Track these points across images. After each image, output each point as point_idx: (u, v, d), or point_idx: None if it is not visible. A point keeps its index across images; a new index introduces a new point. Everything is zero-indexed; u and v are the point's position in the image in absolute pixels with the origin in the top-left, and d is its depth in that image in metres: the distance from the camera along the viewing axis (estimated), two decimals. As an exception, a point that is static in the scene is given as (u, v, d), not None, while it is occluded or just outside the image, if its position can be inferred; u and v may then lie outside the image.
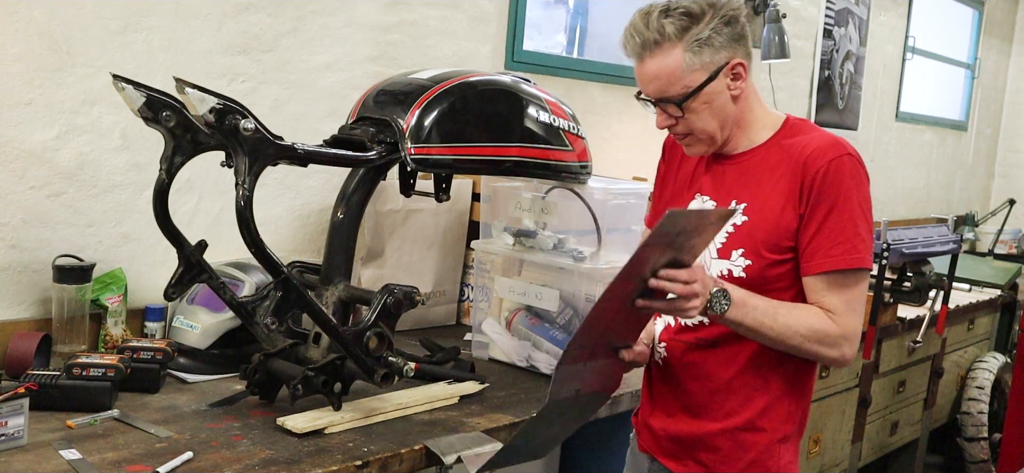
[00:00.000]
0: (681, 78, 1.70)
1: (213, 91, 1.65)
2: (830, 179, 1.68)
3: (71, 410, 1.82)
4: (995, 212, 5.92)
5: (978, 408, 4.36)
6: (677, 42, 1.68)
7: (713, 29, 1.68)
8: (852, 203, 1.69)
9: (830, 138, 1.75)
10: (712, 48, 1.69)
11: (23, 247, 2.09)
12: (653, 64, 1.71)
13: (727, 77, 1.72)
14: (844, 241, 1.69)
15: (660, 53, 1.69)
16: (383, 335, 1.89)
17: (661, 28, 1.68)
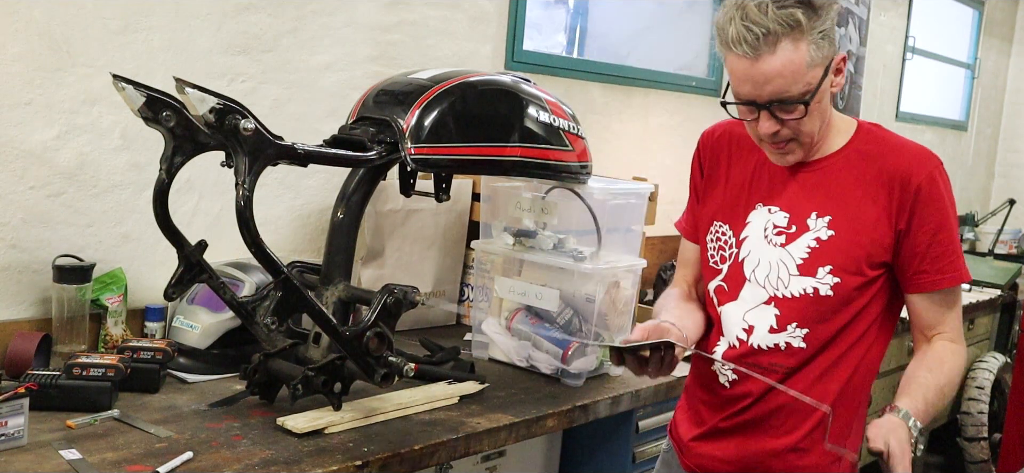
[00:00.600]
0: (804, 75, 1.53)
1: (213, 91, 1.65)
2: (933, 195, 1.61)
3: (71, 410, 1.82)
4: (995, 212, 5.92)
5: (978, 408, 4.36)
6: (804, 35, 1.51)
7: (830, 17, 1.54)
8: (952, 218, 1.64)
9: (919, 148, 1.66)
10: (829, 40, 1.54)
11: (23, 247, 2.09)
12: (775, 61, 1.52)
13: (833, 74, 1.58)
14: (954, 258, 1.65)
15: (784, 47, 1.51)
16: (383, 335, 1.89)
17: (789, 18, 1.49)
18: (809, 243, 1.66)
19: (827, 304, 1.65)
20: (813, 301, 1.65)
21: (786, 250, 1.68)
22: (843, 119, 1.71)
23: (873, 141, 1.68)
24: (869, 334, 1.72)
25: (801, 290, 1.66)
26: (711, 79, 3.99)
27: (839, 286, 1.64)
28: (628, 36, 3.72)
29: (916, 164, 1.62)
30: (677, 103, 3.82)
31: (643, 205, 2.60)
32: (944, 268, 1.64)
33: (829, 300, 1.65)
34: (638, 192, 2.58)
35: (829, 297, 1.65)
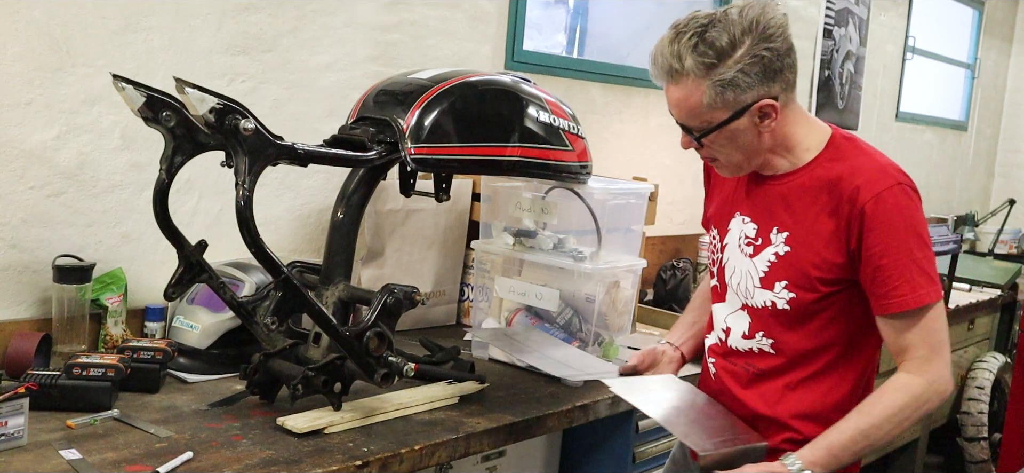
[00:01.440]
0: (702, 113, 1.61)
1: (213, 91, 1.65)
2: (880, 216, 1.59)
3: (71, 410, 1.82)
4: (995, 212, 5.92)
5: (978, 408, 4.37)
6: (700, 79, 1.58)
7: (741, 69, 1.57)
8: (906, 236, 1.59)
9: (877, 165, 1.65)
10: (737, 89, 1.58)
11: (23, 247, 2.09)
12: (675, 92, 1.63)
13: (755, 116, 1.62)
14: (907, 280, 1.59)
15: (682, 84, 1.60)
16: (383, 335, 1.89)
17: (682, 60, 1.58)
18: (770, 257, 1.71)
19: (786, 317, 1.70)
20: (774, 313, 1.71)
21: (752, 262, 1.74)
22: (814, 132, 1.72)
23: (837, 157, 1.68)
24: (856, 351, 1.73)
25: (763, 302, 1.72)
26: (711, 79, 3.98)
27: (795, 301, 1.68)
28: (628, 36, 3.72)
29: (867, 184, 1.61)
30: (677, 103, 3.81)
31: (643, 205, 2.61)
32: (891, 292, 1.60)
33: (787, 313, 1.70)
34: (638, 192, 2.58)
35: (787, 311, 1.69)
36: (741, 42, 1.57)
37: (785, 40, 1.62)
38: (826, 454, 1.62)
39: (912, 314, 1.61)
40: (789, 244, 1.69)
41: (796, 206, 1.69)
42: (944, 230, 3.68)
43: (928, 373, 1.62)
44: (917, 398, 1.62)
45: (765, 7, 1.60)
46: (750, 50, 1.57)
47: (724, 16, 1.59)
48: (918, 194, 1.66)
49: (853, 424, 1.64)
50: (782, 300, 1.70)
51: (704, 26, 1.58)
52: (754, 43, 1.57)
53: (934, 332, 1.62)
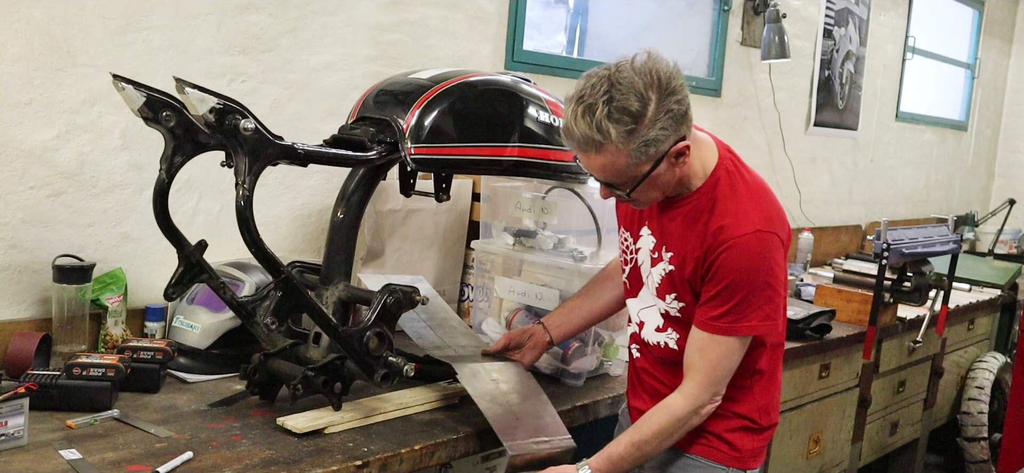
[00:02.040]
0: (627, 172, 1.70)
1: (213, 91, 1.65)
2: (731, 259, 1.73)
3: (71, 410, 1.82)
4: (995, 212, 5.92)
5: (978, 408, 4.36)
6: (623, 145, 1.65)
7: (660, 127, 1.66)
8: (747, 280, 1.74)
9: (739, 211, 1.76)
10: (657, 143, 1.67)
11: (23, 247, 2.09)
12: (598, 159, 1.69)
13: (671, 159, 1.71)
14: (732, 312, 1.76)
15: (605, 152, 1.67)
16: (383, 335, 1.89)
17: (606, 131, 1.64)
18: (662, 271, 1.87)
19: (680, 322, 1.87)
20: (671, 317, 1.89)
21: (652, 271, 1.90)
22: (705, 158, 1.81)
23: (714, 192, 1.79)
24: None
25: (663, 308, 1.89)
26: (711, 79, 3.99)
27: (685, 309, 1.85)
28: (628, 36, 3.71)
29: (728, 229, 1.75)
30: (677, 103, 3.81)
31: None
32: (706, 311, 1.78)
33: (680, 319, 1.87)
34: (638, 192, 2.57)
35: (679, 318, 1.87)
36: (649, 100, 1.65)
37: (682, 84, 1.70)
38: (606, 462, 1.84)
39: (709, 338, 1.79)
40: (672, 263, 1.85)
41: (680, 230, 1.83)
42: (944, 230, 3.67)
43: (695, 400, 1.83)
44: (680, 420, 1.84)
45: (654, 58, 1.68)
46: (660, 107, 1.66)
47: (620, 77, 1.64)
48: (779, 236, 1.78)
49: (628, 439, 1.85)
50: (673, 309, 1.87)
51: (609, 94, 1.64)
52: (661, 99, 1.66)
53: (715, 364, 1.81)
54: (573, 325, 2.17)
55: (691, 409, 1.83)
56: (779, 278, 1.79)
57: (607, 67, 1.67)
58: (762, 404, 1.93)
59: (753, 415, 1.92)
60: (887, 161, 5.35)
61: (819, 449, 3.33)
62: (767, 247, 1.76)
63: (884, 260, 3.26)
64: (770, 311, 1.79)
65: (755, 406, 1.92)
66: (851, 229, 5.06)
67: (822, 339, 3.14)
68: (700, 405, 1.83)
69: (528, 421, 1.95)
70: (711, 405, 1.85)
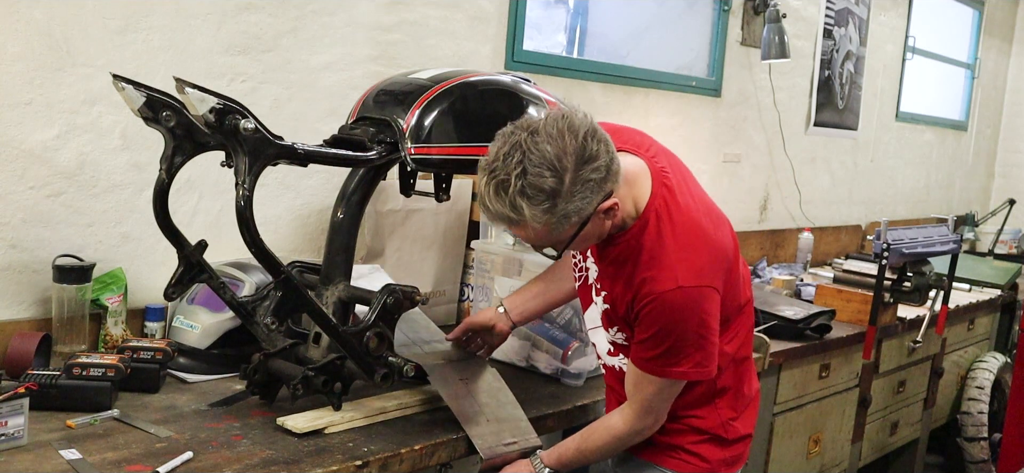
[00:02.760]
0: (552, 237, 1.66)
1: (213, 91, 1.65)
2: (655, 313, 1.72)
3: (71, 410, 1.82)
4: (995, 212, 5.92)
5: (978, 408, 4.36)
6: (540, 223, 1.59)
7: (578, 195, 1.59)
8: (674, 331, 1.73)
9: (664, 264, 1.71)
10: (580, 210, 1.61)
11: (23, 247, 2.09)
12: (520, 232, 1.66)
13: (600, 214, 1.66)
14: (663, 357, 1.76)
15: (525, 227, 1.62)
16: (383, 335, 1.89)
17: (520, 209, 1.57)
18: (601, 306, 1.89)
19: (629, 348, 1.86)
20: (619, 345, 1.91)
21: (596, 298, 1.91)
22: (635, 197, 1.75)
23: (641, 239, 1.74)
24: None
25: (610, 337, 1.92)
26: (711, 79, 3.99)
27: (628, 337, 1.85)
28: (628, 36, 3.72)
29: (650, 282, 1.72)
30: (677, 103, 3.82)
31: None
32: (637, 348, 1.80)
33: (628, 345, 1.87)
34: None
35: (626, 345, 1.88)
36: (565, 171, 1.57)
37: (602, 145, 1.61)
38: (557, 460, 1.93)
39: (642, 374, 1.81)
40: (607, 301, 1.86)
41: (611, 272, 1.82)
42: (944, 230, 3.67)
43: (634, 425, 1.87)
44: (620, 439, 1.90)
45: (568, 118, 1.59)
46: (576, 177, 1.58)
47: (534, 145, 1.56)
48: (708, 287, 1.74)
49: (575, 445, 1.92)
50: (619, 339, 1.89)
51: (522, 166, 1.55)
52: (577, 167, 1.58)
53: (650, 398, 1.84)
54: (533, 310, 2.17)
55: (631, 431, 1.88)
56: (709, 326, 1.76)
57: (520, 130, 1.59)
58: (726, 419, 1.95)
59: (718, 431, 1.94)
60: (887, 161, 5.35)
61: (819, 449, 3.33)
62: (691, 301, 1.72)
63: (884, 260, 3.26)
64: (701, 358, 1.77)
65: (720, 422, 1.94)
66: (851, 229, 5.06)
67: (822, 339, 3.14)
68: (640, 429, 1.87)
69: (497, 423, 1.98)
70: (655, 427, 1.88)
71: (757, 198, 4.39)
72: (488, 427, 1.96)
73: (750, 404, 2.02)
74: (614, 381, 1.99)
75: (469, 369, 2.11)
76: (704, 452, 1.94)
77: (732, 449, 1.97)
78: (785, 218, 4.57)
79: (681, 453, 1.94)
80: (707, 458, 1.94)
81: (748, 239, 4.27)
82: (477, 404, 2.01)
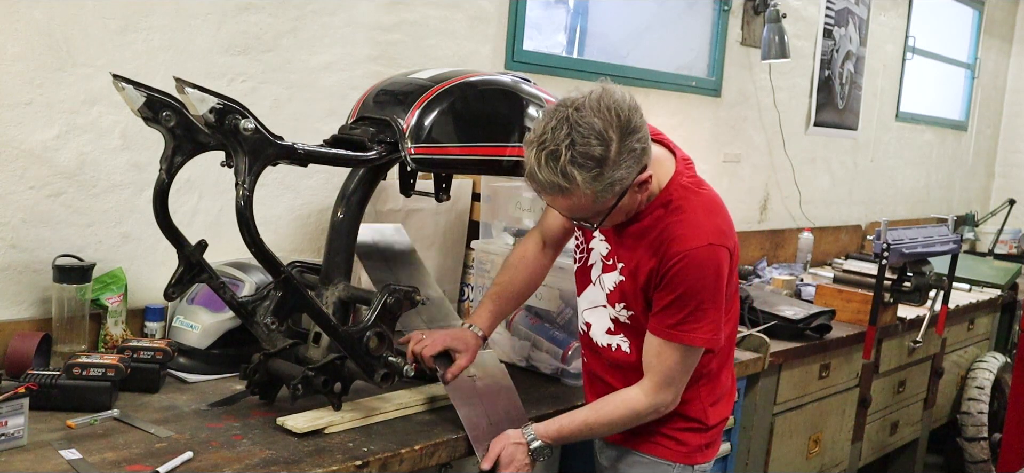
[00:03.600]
0: (593, 208, 1.74)
1: (213, 91, 1.65)
2: (684, 271, 1.78)
3: (71, 410, 1.82)
4: (995, 212, 5.92)
5: (978, 408, 4.36)
6: (589, 187, 1.67)
7: (624, 163, 1.67)
8: (699, 290, 1.79)
9: (693, 224, 1.79)
10: (622, 181, 1.70)
11: (23, 247, 2.09)
12: (564, 201, 1.72)
13: (635, 188, 1.74)
14: (676, 316, 1.81)
15: (571, 195, 1.69)
16: (383, 335, 1.89)
17: (571, 177, 1.65)
18: (614, 280, 1.92)
19: (631, 328, 1.93)
20: (620, 323, 1.94)
21: (603, 277, 1.95)
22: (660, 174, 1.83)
23: (667, 205, 1.83)
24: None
25: (610, 317, 1.96)
26: (711, 79, 3.99)
27: (633, 317, 1.91)
28: (628, 36, 3.72)
29: (680, 241, 1.78)
30: (677, 103, 3.82)
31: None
32: (660, 318, 1.83)
33: (630, 326, 1.93)
34: (638, 192, 2.57)
35: (629, 324, 1.93)
36: (611, 141, 1.66)
37: (641, 119, 1.72)
38: (556, 432, 1.91)
39: (664, 343, 1.84)
40: (623, 274, 1.89)
41: (632, 243, 1.87)
42: (944, 230, 3.67)
43: (655, 399, 1.88)
44: (638, 414, 1.90)
45: (610, 94, 1.68)
46: (622, 147, 1.67)
47: (580, 118, 1.64)
48: (727, 249, 1.82)
49: (582, 417, 1.92)
50: (623, 316, 1.93)
51: (570, 137, 1.64)
52: (622, 138, 1.67)
53: (673, 368, 1.86)
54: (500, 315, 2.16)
55: (650, 406, 1.89)
56: (721, 289, 1.83)
57: (565, 106, 1.67)
58: (708, 404, 1.99)
59: (699, 416, 1.98)
60: (887, 161, 5.35)
61: (819, 449, 3.33)
62: (715, 259, 1.80)
63: (884, 260, 3.26)
64: (719, 320, 1.85)
65: (701, 407, 1.98)
66: (851, 229, 5.06)
67: (822, 339, 3.14)
68: (661, 404, 1.89)
69: (499, 425, 1.97)
70: (673, 404, 1.90)
71: (757, 198, 4.39)
72: (490, 430, 1.95)
73: (727, 393, 2.07)
74: (599, 366, 2.02)
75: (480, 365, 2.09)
76: (683, 437, 1.97)
77: (709, 434, 2.01)
78: (785, 218, 4.57)
79: (660, 438, 1.97)
80: (686, 442, 1.97)
81: (748, 239, 4.27)
82: (482, 403, 2.01)
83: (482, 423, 1.97)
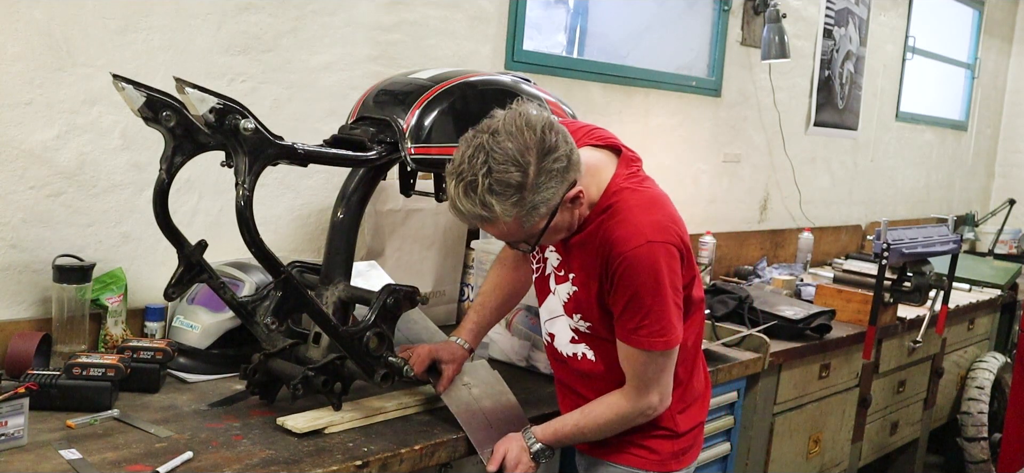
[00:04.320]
0: (524, 231, 1.70)
1: (213, 91, 1.65)
2: (629, 271, 1.74)
3: (71, 410, 1.82)
4: (995, 212, 5.92)
5: (978, 408, 4.36)
6: (510, 216, 1.64)
7: (544, 186, 1.64)
8: (651, 290, 1.76)
9: (635, 224, 1.76)
10: (547, 201, 1.66)
11: (23, 247, 2.09)
12: (492, 229, 1.70)
13: (567, 204, 1.71)
14: (645, 326, 1.77)
15: (497, 223, 1.66)
16: (383, 335, 1.89)
17: (490, 206, 1.62)
18: (568, 291, 1.90)
19: (592, 337, 1.91)
20: (582, 333, 1.92)
21: (559, 287, 1.93)
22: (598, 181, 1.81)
23: (606, 212, 1.80)
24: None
25: (570, 326, 1.94)
26: (711, 79, 3.99)
27: (592, 327, 1.90)
28: (628, 36, 3.72)
29: (623, 241, 1.75)
30: (677, 103, 3.82)
31: (643, 205, 2.60)
32: (623, 326, 1.80)
33: (590, 335, 1.91)
34: (638, 192, 2.57)
35: (589, 333, 1.91)
36: (528, 164, 1.63)
37: (560, 136, 1.67)
38: (553, 434, 1.92)
39: (629, 348, 1.82)
40: (576, 285, 1.88)
41: (579, 254, 1.85)
42: (944, 230, 3.67)
43: (638, 403, 1.87)
44: (624, 417, 1.89)
45: (524, 115, 1.65)
46: (540, 169, 1.64)
47: (496, 144, 1.62)
48: (674, 246, 1.79)
49: (574, 421, 1.92)
50: (583, 326, 1.91)
51: (487, 165, 1.61)
52: (540, 160, 1.64)
53: (645, 372, 1.84)
54: (485, 326, 2.15)
55: (635, 410, 1.87)
56: (676, 287, 1.80)
57: (481, 132, 1.64)
58: (676, 412, 1.96)
59: (668, 424, 1.96)
60: (887, 161, 5.35)
61: (819, 449, 3.33)
62: (658, 256, 1.76)
63: (884, 260, 3.26)
64: (672, 319, 1.80)
65: (669, 414, 1.95)
66: (851, 229, 5.06)
67: (822, 339, 3.14)
68: (647, 406, 1.87)
69: (500, 427, 1.98)
70: (663, 405, 1.88)
71: (757, 198, 4.39)
72: (493, 434, 1.95)
73: (699, 398, 2.04)
74: (568, 376, 2.00)
75: (470, 371, 2.10)
76: (655, 445, 1.96)
77: (682, 441, 1.98)
78: (785, 218, 4.57)
79: (632, 447, 1.95)
80: (658, 450, 1.96)
81: (748, 239, 4.27)
82: (481, 409, 2.01)
83: (483, 427, 1.96)
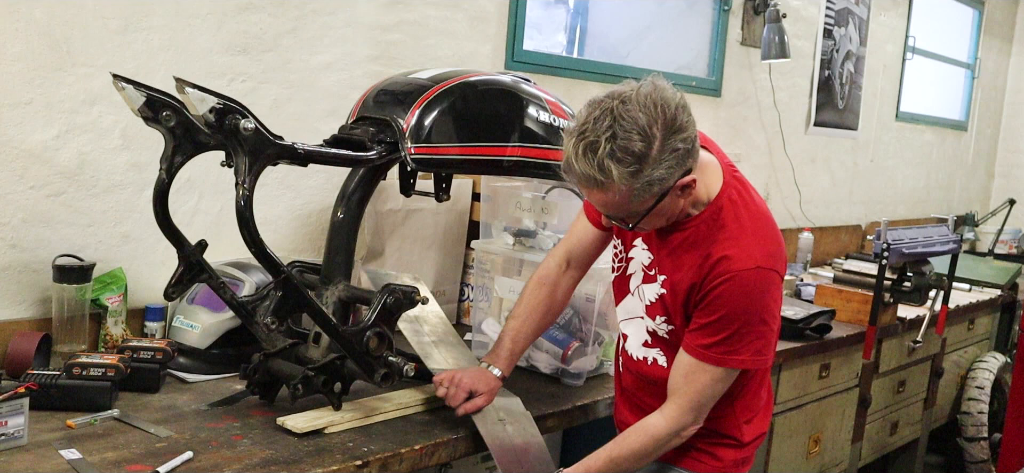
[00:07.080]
0: (631, 207, 1.66)
1: (213, 91, 1.65)
2: (730, 292, 1.71)
3: (71, 410, 1.82)
4: (995, 212, 5.92)
5: (978, 408, 4.36)
6: (626, 184, 1.60)
7: (664, 163, 1.60)
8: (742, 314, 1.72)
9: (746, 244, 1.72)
10: (662, 181, 1.62)
11: (23, 247, 2.09)
12: (601, 196, 1.65)
13: (677, 191, 1.67)
14: (724, 343, 1.74)
15: (608, 190, 1.62)
16: (383, 335, 1.89)
17: (608, 171, 1.58)
18: (656, 291, 1.86)
19: (668, 343, 1.87)
20: (658, 337, 1.89)
21: (643, 288, 1.89)
22: (708, 184, 1.77)
23: (717, 221, 1.76)
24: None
25: (647, 329, 1.90)
26: (711, 79, 3.99)
27: (672, 332, 1.85)
28: (628, 36, 3.72)
29: (729, 261, 1.71)
30: (677, 103, 3.81)
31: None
32: (695, 336, 1.77)
33: (667, 340, 1.87)
34: (638, 192, 2.57)
35: (667, 339, 1.87)
36: (654, 138, 1.59)
37: (689, 119, 1.64)
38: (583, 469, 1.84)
39: (697, 364, 1.77)
40: (665, 287, 1.83)
41: (675, 255, 1.80)
42: (944, 230, 3.67)
43: (677, 423, 1.81)
44: (659, 441, 1.83)
45: (660, 90, 1.62)
46: (664, 145, 1.60)
47: (625, 112, 1.58)
48: (779, 274, 1.76)
49: (606, 454, 1.84)
50: (662, 330, 1.87)
51: (612, 130, 1.57)
52: (666, 136, 1.60)
53: (701, 391, 1.79)
54: (519, 353, 2.09)
55: (671, 431, 1.82)
56: (774, 315, 1.78)
57: (611, 98, 1.60)
58: (742, 421, 1.94)
59: (735, 433, 1.93)
60: (887, 161, 5.35)
61: (819, 449, 3.33)
62: (766, 283, 1.73)
63: (884, 260, 3.26)
64: (761, 346, 1.77)
65: (736, 424, 1.93)
66: (851, 229, 5.06)
67: (822, 339, 3.14)
68: (681, 428, 1.82)
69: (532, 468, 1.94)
70: (693, 428, 1.83)
71: (757, 198, 4.38)
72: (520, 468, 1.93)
73: (763, 409, 2.01)
74: (634, 381, 1.97)
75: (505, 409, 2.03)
76: (719, 453, 1.93)
77: (745, 450, 1.96)
78: (785, 218, 4.57)
79: (696, 452, 1.92)
80: (721, 458, 1.93)
81: (748, 239, 4.26)
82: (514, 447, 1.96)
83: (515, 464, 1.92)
